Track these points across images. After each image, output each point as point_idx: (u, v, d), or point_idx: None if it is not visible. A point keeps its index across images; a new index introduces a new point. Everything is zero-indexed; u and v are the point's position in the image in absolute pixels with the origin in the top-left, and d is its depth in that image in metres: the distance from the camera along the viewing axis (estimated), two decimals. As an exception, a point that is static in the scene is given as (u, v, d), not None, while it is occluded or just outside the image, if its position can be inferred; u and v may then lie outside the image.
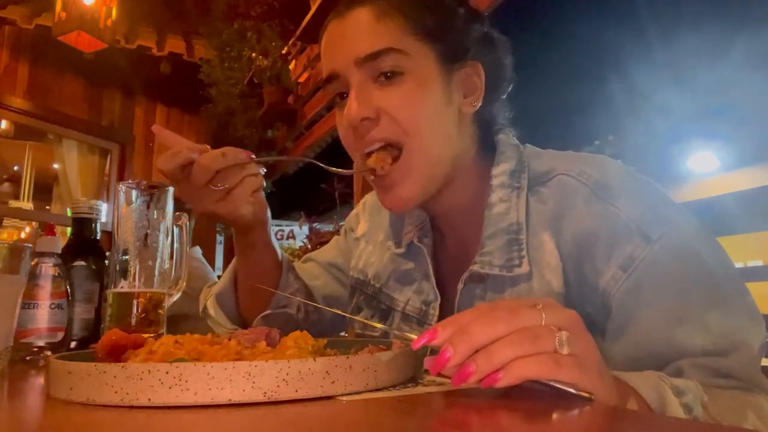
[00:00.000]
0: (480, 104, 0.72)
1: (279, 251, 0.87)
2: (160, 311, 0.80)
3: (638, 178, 0.68)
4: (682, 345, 0.58)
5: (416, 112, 0.66)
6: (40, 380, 0.61)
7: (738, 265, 0.65)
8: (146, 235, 0.79)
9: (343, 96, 0.71)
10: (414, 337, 0.45)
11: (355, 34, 0.67)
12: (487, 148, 0.76)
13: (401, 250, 0.82)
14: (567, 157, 0.73)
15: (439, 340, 0.42)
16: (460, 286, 0.72)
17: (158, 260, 0.80)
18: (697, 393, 0.49)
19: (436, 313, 0.75)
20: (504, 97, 0.78)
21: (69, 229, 1.03)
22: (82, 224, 0.97)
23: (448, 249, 0.81)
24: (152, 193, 0.80)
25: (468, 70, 0.71)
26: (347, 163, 0.79)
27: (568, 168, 0.69)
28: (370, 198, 0.97)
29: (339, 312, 0.70)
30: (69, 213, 3.93)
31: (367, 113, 0.66)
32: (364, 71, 0.67)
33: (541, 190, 0.70)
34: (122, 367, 0.40)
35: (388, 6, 0.67)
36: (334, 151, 3.36)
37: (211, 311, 0.90)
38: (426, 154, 0.67)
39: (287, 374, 0.41)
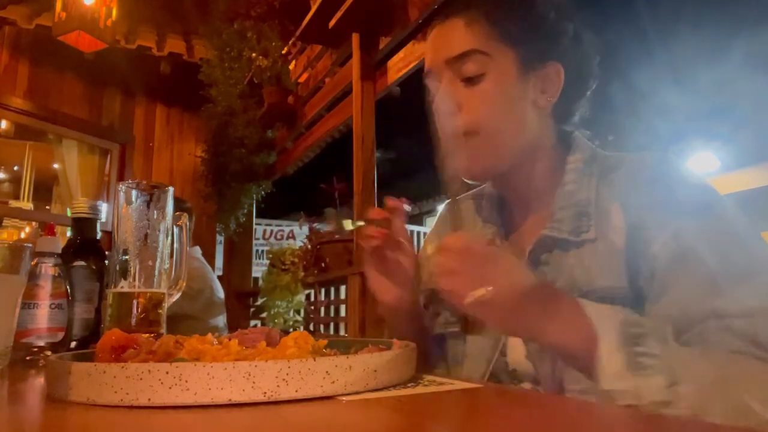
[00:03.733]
0: (556, 99, 0.80)
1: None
2: (160, 311, 0.80)
3: (691, 171, 0.76)
4: (714, 306, 0.61)
5: (492, 108, 0.77)
6: (40, 380, 0.61)
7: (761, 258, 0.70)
8: (146, 235, 0.79)
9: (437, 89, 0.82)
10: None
11: (448, 38, 0.79)
12: (564, 142, 0.84)
13: None
14: (633, 154, 0.80)
15: None
16: (528, 247, 0.77)
17: (158, 260, 0.80)
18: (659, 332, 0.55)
19: None
20: (588, 94, 0.86)
21: (69, 229, 1.03)
22: (82, 224, 0.97)
23: (518, 244, 0.85)
24: (152, 193, 0.80)
25: (548, 69, 0.79)
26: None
27: (636, 158, 0.77)
28: (435, 223, 1.06)
29: None
30: (69, 213, 3.93)
31: (450, 108, 0.77)
32: (452, 70, 0.78)
33: (611, 176, 0.77)
34: (122, 367, 0.40)
35: (477, 14, 0.78)
36: (334, 152, 3.36)
37: None
38: (496, 141, 0.78)
39: (287, 374, 0.41)
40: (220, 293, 2.58)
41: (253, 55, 3.48)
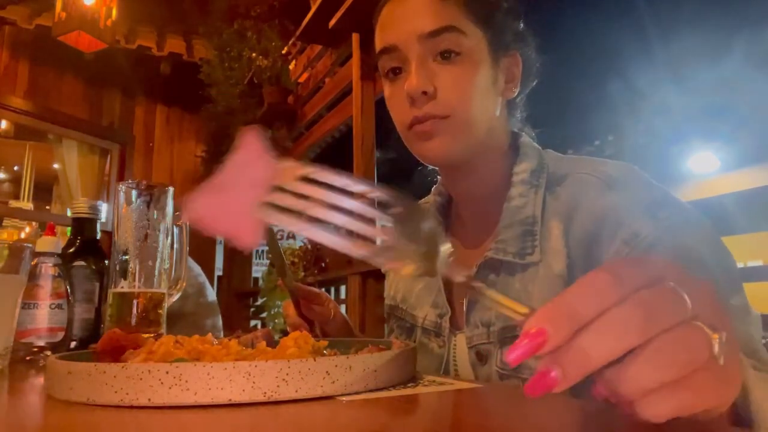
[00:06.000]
0: (518, 92, 0.78)
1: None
2: (160, 311, 0.80)
3: (651, 179, 0.71)
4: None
5: (469, 91, 0.72)
6: (40, 380, 0.61)
7: (738, 265, 0.66)
8: (146, 235, 0.79)
9: (395, 71, 0.76)
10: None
11: (419, 12, 0.72)
12: (513, 145, 0.81)
13: None
14: (585, 161, 0.77)
15: (545, 352, 0.27)
16: (473, 270, 0.74)
17: (158, 260, 0.80)
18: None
19: (447, 325, 0.80)
20: (526, 93, 0.83)
21: (69, 229, 1.03)
22: (82, 224, 0.97)
23: (462, 251, 0.83)
24: (152, 193, 0.80)
25: (510, 59, 0.77)
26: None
27: (584, 169, 0.73)
28: None
29: None
30: (69, 213, 3.93)
31: (426, 87, 0.71)
32: (425, 47, 0.72)
33: (558, 189, 0.74)
34: (122, 367, 0.40)
35: None
36: (334, 152, 3.35)
37: None
38: (470, 122, 0.72)
39: (287, 374, 0.41)
40: (211, 295, 2.58)
41: (253, 55, 3.48)
